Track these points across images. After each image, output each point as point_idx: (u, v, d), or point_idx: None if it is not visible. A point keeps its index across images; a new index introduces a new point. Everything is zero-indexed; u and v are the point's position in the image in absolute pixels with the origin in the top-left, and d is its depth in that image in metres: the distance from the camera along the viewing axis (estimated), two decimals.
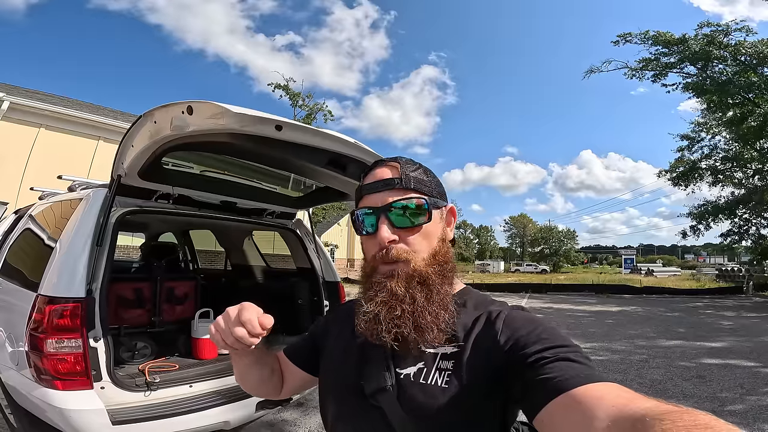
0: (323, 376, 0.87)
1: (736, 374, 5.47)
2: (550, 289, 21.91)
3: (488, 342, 0.69)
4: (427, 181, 0.79)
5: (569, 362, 0.59)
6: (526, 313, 0.75)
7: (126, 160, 2.03)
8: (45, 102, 11.84)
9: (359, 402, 0.74)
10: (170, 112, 1.59)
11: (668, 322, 10.69)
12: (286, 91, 25.05)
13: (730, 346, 7.44)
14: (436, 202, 0.79)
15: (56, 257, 1.99)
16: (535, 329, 0.67)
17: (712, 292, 20.57)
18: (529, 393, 0.60)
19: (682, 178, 21.45)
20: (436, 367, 0.70)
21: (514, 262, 65.84)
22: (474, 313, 0.76)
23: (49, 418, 1.88)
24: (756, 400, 4.41)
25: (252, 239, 4.27)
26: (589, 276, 33.51)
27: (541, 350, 0.62)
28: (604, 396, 0.52)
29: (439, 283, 0.74)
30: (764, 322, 10.62)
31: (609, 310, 13.37)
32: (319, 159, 1.73)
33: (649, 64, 19.62)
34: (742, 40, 17.21)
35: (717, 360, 6.29)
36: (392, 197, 0.76)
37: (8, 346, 2.09)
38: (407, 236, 0.75)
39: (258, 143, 1.51)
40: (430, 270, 0.74)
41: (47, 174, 10.04)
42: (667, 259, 78.33)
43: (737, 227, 20.45)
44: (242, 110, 1.36)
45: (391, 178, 0.77)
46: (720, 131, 20.40)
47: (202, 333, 2.64)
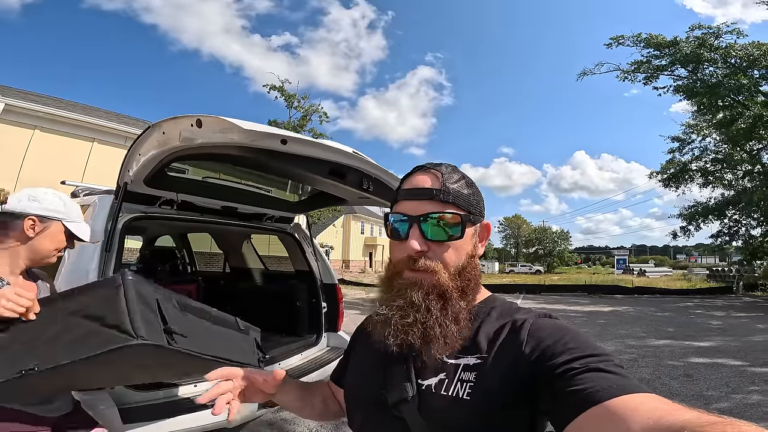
0: (348, 387, 0.89)
1: (723, 373, 5.60)
2: (544, 290, 22.09)
3: (513, 352, 0.68)
4: (467, 194, 0.77)
5: (600, 372, 0.57)
6: (553, 320, 0.72)
7: (133, 168, 2.11)
8: (40, 104, 11.82)
9: (382, 413, 0.74)
10: (179, 125, 1.68)
11: (658, 322, 10.85)
12: (281, 93, 25.06)
13: (717, 345, 7.58)
14: (473, 217, 0.77)
15: (67, 262, 2.07)
16: (563, 338, 0.65)
17: (703, 292, 20.81)
18: (558, 405, 0.58)
19: (673, 180, 21.67)
20: (458, 378, 0.69)
21: (508, 263, 66.19)
22: (498, 323, 0.74)
23: None
24: (741, 399, 4.53)
25: (251, 242, 4.36)
26: (583, 276, 33.77)
27: (570, 360, 0.60)
28: (639, 407, 0.50)
29: (457, 297, 0.73)
30: (753, 321, 10.80)
31: (601, 311, 13.54)
32: (320, 169, 1.82)
33: (640, 67, 19.82)
34: (733, 43, 17.41)
35: (704, 359, 6.42)
36: (429, 208, 0.74)
37: None
38: (437, 249, 0.75)
39: (263, 155, 1.60)
40: (452, 285, 0.74)
41: (42, 176, 10.12)
42: (660, 259, 79.00)
43: (727, 228, 20.72)
44: (251, 126, 1.45)
45: (431, 188, 0.75)
46: (710, 133, 20.62)
47: None
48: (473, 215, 0.77)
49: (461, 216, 0.75)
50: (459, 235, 0.75)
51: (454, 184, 0.76)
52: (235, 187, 2.88)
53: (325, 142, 1.72)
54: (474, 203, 0.78)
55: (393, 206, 0.81)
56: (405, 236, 0.75)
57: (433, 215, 0.74)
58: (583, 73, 21.20)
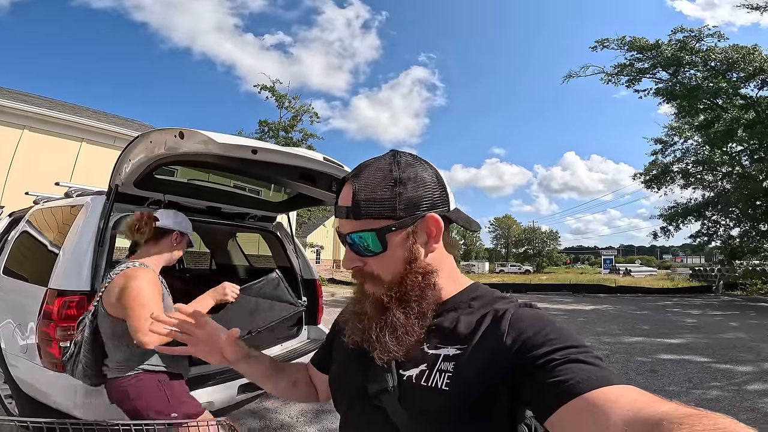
0: (332, 377, 0.90)
1: (688, 369, 5.75)
2: (531, 289, 22.28)
3: (493, 343, 0.67)
4: (387, 198, 0.71)
5: (580, 364, 0.58)
6: (534, 311, 0.72)
7: (123, 172, 2.32)
8: (29, 103, 11.83)
9: (364, 402, 0.76)
10: (164, 135, 1.90)
11: (635, 319, 11.08)
12: (272, 93, 25.18)
13: (687, 342, 7.73)
14: (398, 223, 0.71)
15: (63, 256, 2.28)
16: (543, 329, 0.65)
17: (683, 291, 21.07)
18: (539, 396, 0.59)
19: (655, 181, 22.05)
20: (437, 368, 0.70)
21: (498, 263, 66.75)
22: (479, 312, 0.74)
23: (55, 401, 2.14)
24: (700, 394, 4.70)
25: (236, 240, 4.57)
26: (570, 276, 34.21)
27: (551, 352, 0.60)
28: (618, 399, 0.51)
29: (396, 308, 0.73)
30: (726, 320, 10.99)
31: (582, 309, 13.78)
32: (291, 174, 2.06)
33: (624, 70, 20.15)
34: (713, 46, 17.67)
35: (672, 355, 6.57)
36: (347, 228, 0.75)
37: (18, 337, 2.37)
38: (370, 262, 0.75)
39: (238, 162, 1.83)
40: (388, 296, 0.74)
41: (32, 176, 10.18)
42: (646, 259, 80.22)
43: (706, 228, 21.16)
44: (224, 139, 1.68)
45: (343, 207, 0.74)
46: (692, 135, 20.98)
47: None
48: (399, 219, 0.71)
49: (377, 230, 0.72)
50: (382, 249, 0.73)
51: (369, 193, 0.72)
52: (219, 189, 3.10)
53: (294, 150, 1.96)
54: (401, 204, 0.71)
55: None
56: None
57: (352, 235, 0.74)
58: (569, 75, 21.54)
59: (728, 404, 4.35)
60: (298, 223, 24.09)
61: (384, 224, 0.72)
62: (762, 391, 4.81)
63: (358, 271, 0.77)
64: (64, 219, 2.68)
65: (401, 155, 0.77)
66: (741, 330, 9.22)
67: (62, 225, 2.62)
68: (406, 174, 0.73)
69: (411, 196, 0.72)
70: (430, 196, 0.74)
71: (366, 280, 0.77)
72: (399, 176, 0.72)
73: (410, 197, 0.72)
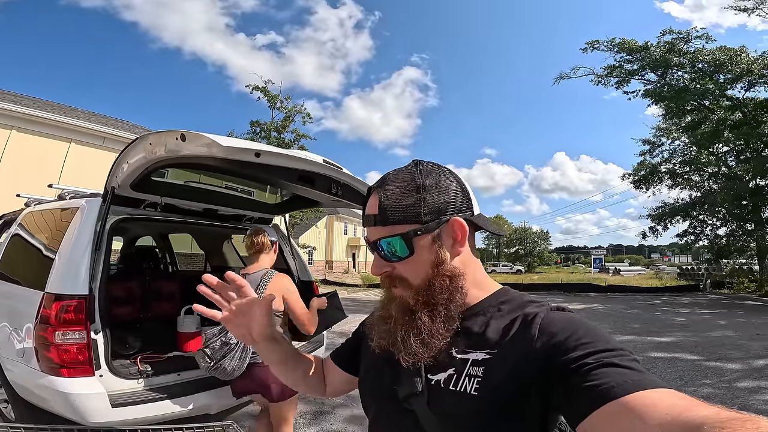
0: (362, 381, 0.91)
1: (678, 367, 5.83)
2: (522, 289, 21.71)
3: (523, 348, 0.67)
4: (412, 204, 0.73)
5: (615, 368, 0.56)
6: (565, 313, 0.71)
7: (120, 174, 2.30)
8: (17, 104, 11.64)
9: (395, 405, 0.77)
10: (164, 138, 1.88)
11: (625, 318, 11.22)
12: (264, 93, 25.06)
13: (677, 340, 7.83)
14: (424, 227, 0.73)
15: (60, 260, 2.25)
16: (575, 332, 0.64)
17: (671, 290, 21.21)
18: (572, 401, 0.58)
19: (644, 181, 22.35)
20: (466, 373, 0.70)
21: (490, 263, 67.11)
22: (508, 317, 0.73)
23: (52, 406, 2.11)
24: (692, 391, 4.66)
25: (231, 242, 4.54)
26: (561, 275, 34.51)
27: (584, 356, 0.59)
28: (656, 403, 0.49)
29: (423, 312, 0.74)
30: (714, 318, 11.15)
31: (573, 308, 13.76)
32: (290, 176, 2.06)
33: (613, 71, 20.39)
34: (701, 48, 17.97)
35: (663, 353, 6.66)
36: (375, 234, 0.77)
37: (15, 341, 2.34)
38: (399, 267, 0.77)
39: (239, 165, 1.82)
40: (415, 300, 0.75)
41: (20, 176, 10.02)
42: (635, 258, 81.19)
43: (693, 228, 21.47)
44: (229, 142, 1.68)
45: (371, 215, 0.77)
46: (679, 136, 21.28)
47: (187, 327, 2.91)
48: (425, 224, 0.73)
49: (403, 234, 0.73)
50: (409, 253, 0.74)
51: (394, 200, 0.74)
52: (216, 191, 3.08)
53: (295, 153, 1.96)
54: (426, 209, 0.73)
55: None
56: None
57: (381, 242, 0.76)
58: (559, 77, 21.82)
59: (719, 401, 4.37)
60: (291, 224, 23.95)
61: (410, 229, 0.73)
62: (752, 388, 4.90)
63: (387, 276, 0.79)
64: (58, 222, 2.64)
65: (423, 164, 0.79)
66: (729, 328, 9.36)
67: (56, 228, 2.59)
68: (429, 181, 0.75)
69: (435, 201, 0.74)
70: (454, 201, 0.76)
71: (395, 284, 0.78)
72: (422, 183, 0.74)
73: (434, 202, 0.74)
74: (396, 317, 0.77)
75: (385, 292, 0.83)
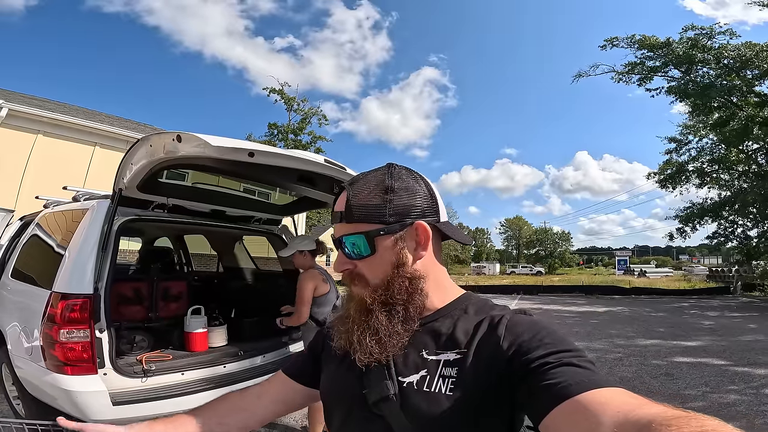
0: (325, 388, 0.88)
1: (704, 372, 5.61)
2: (542, 291, 22.08)
3: (491, 348, 0.69)
4: (379, 205, 0.75)
5: (573, 367, 0.59)
6: (529, 317, 0.74)
7: (126, 176, 2.34)
8: (43, 108, 12.05)
9: (362, 412, 0.75)
10: (163, 139, 1.90)
11: (650, 322, 10.91)
12: (281, 96, 25.36)
13: (705, 345, 7.58)
14: (387, 228, 0.75)
15: (67, 260, 2.30)
16: (538, 333, 0.67)
17: (700, 293, 20.74)
18: (534, 399, 0.59)
19: (670, 181, 21.70)
20: (439, 374, 0.70)
21: (509, 264, 66.27)
22: (475, 318, 0.75)
23: (58, 403, 2.16)
24: (717, 398, 4.57)
25: (242, 243, 4.58)
26: (583, 277, 33.81)
27: (545, 355, 0.62)
28: (609, 401, 0.51)
29: (379, 311, 0.75)
30: (745, 321, 10.78)
31: (596, 311, 13.60)
32: (290, 176, 2.05)
33: (635, 68, 19.89)
34: (726, 44, 17.38)
35: (689, 358, 6.43)
36: (340, 231, 0.78)
37: (24, 340, 2.40)
38: (360, 265, 0.78)
39: (235, 166, 1.82)
40: (372, 298, 0.76)
41: (45, 180, 10.33)
42: (662, 260, 78.69)
43: (723, 229, 20.73)
44: (220, 142, 1.67)
45: (337, 212, 0.79)
46: (706, 134, 20.62)
47: (194, 328, 2.94)
48: (388, 224, 0.75)
49: (366, 233, 0.75)
50: (371, 252, 0.76)
51: (361, 199, 0.76)
52: (223, 192, 3.11)
53: (293, 152, 1.94)
54: (391, 210, 0.75)
55: None
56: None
57: (344, 238, 0.77)
58: (578, 75, 21.32)
59: (745, 408, 4.22)
60: (309, 225, 24.17)
61: (373, 228, 0.75)
62: None
63: (348, 274, 0.80)
64: (69, 223, 2.71)
65: (396, 167, 0.81)
66: (760, 332, 9.01)
67: (67, 229, 2.65)
68: (398, 183, 0.77)
69: (401, 204, 0.76)
70: (420, 205, 0.77)
71: (354, 282, 0.79)
72: (391, 185, 0.77)
73: (401, 204, 0.76)
74: (353, 317, 0.78)
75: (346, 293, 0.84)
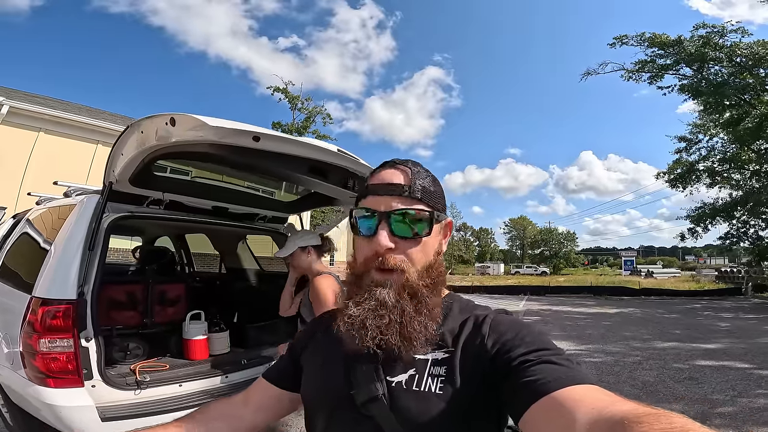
0: (308, 390, 0.84)
1: (729, 376, 5.49)
2: (549, 291, 21.92)
3: (476, 346, 0.70)
4: (435, 192, 0.78)
5: (551, 365, 0.60)
6: (511, 316, 0.75)
7: (117, 167, 2.11)
8: (44, 106, 11.93)
9: (350, 413, 0.72)
10: (155, 123, 1.67)
11: (664, 323, 10.72)
12: (285, 95, 25.24)
13: (725, 347, 7.45)
14: (439, 215, 0.77)
15: (50, 260, 2.07)
16: (520, 332, 0.68)
17: (711, 294, 20.56)
18: (515, 396, 0.60)
19: (680, 180, 21.47)
20: (428, 373, 0.70)
21: (514, 265, 65.86)
22: (460, 318, 0.76)
23: (43, 416, 1.94)
24: (747, 402, 4.43)
25: (246, 243, 4.35)
26: (589, 278, 33.52)
27: (525, 353, 0.63)
28: (583, 398, 0.52)
29: (428, 295, 0.73)
30: (761, 323, 10.63)
31: (606, 312, 13.41)
32: (299, 167, 1.81)
33: (645, 66, 19.69)
34: (738, 42, 17.27)
35: (711, 362, 6.29)
36: (397, 204, 0.74)
37: (4, 346, 2.17)
38: (405, 246, 0.74)
39: (238, 153, 1.58)
40: (422, 283, 0.73)
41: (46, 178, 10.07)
42: (668, 260, 78.01)
43: (735, 229, 20.46)
44: (220, 123, 1.44)
45: (400, 184, 0.75)
46: (717, 133, 20.44)
47: (193, 334, 2.71)
48: (439, 213, 0.77)
49: (429, 213, 0.75)
50: (427, 232, 0.75)
51: (422, 180, 0.77)
52: (225, 187, 2.87)
53: (303, 139, 1.70)
54: (439, 199, 0.79)
55: (359, 201, 0.80)
56: (373, 232, 0.74)
57: (403, 212, 0.73)
58: (587, 73, 21.11)
59: None
60: (312, 225, 24.03)
61: (435, 212, 0.77)
62: None
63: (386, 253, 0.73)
64: (56, 220, 2.48)
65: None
66: None
67: (53, 227, 2.42)
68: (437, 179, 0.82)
69: (443, 198, 0.82)
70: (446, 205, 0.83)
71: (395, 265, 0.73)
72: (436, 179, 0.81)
73: (443, 198, 0.81)
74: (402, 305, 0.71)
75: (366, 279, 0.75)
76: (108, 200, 2.21)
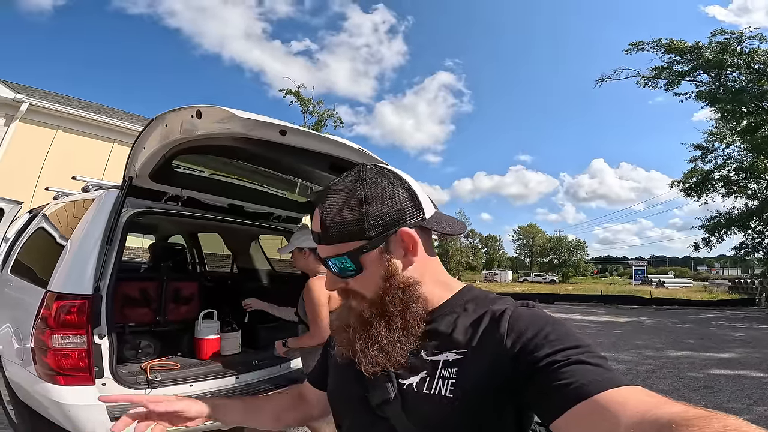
0: (332, 390, 0.88)
1: (745, 385, 5.45)
2: (559, 300, 21.75)
3: (493, 346, 0.66)
4: (354, 221, 0.69)
5: (584, 365, 0.56)
6: (532, 309, 0.71)
7: (138, 162, 2.09)
8: (62, 104, 12.09)
9: (367, 414, 0.74)
10: (180, 116, 1.65)
11: (677, 333, 10.58)
12: (297, 97, 25.37)
13: (739, 357, 7.38)
14: (370, 243, 0.70)
15: (67, 255, 2.05)
16: (543, 329, 0.64)
17: (724, 304, 20.30)
18: (544, 399, 0.57)
19: (695, 189, 21.17)
20: (439, 375, 0.68)
21: (522, 272, 65.37)
22: (475, 314, 0.72)
23: (51, 414, 1.92)
24: (764, 411, 4.42)
25: (259, 243, 4.32)
26: (599, 287, 33.19)
27: (552, 353, 0.59)
28: (627, 401, 0.50)
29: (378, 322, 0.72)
30: None
31: (618, 321, 13.27)
32: (321, 164, 1.77)
33: (661, 73, 19.51)
34: (756, 48, 17.05)
35: (726, 371, 6.25)
36: (323, 253, 0.75)
37: (15, 342, 2.14)
38: (350, 282, 0.75)
39: (263, 147, 1.55)
40: (369, 311, 0.73)
41: (63, 175, 10.18)
42: (680, 270, 76.82)
43: (750, 239, 20.11)
44: (248, 115, 1.41)
45: (315, 232, 0.75)
46: (734, 141, 20.15)
47: (205, 333, 2.68)
48: (371, 239, 0.69)
49: (349, 253, 0.71)
50: (358, 270, 0.72)
51: (335, 217, 0.70)
52: (242, 185, 2.84)
53: (327, 135, 1.66)
54: (370, 224, 0.69)
55: None
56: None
57: (329, 261, 0.74)
58: (602, 79, 20.95)
59: None
60: None
61: (356, 246, 0.70)
62: None
63: (342, 290, 0.77)
64: (76, 214, 2.46)
65: (367, 170, 0.74)
66: None
67: (71, 222, 2.41)
68: (372, 191, 0.70)
69: (379, 214, 0.70)
70: (400, 209, 0.71)
71: (350, 297, 0.76)
72: (364, 195, 0.70)
73: (379, 215, 0.70)
74: (354, 327, 0.74)
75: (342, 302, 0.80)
76: (127, 195, 2.19)
